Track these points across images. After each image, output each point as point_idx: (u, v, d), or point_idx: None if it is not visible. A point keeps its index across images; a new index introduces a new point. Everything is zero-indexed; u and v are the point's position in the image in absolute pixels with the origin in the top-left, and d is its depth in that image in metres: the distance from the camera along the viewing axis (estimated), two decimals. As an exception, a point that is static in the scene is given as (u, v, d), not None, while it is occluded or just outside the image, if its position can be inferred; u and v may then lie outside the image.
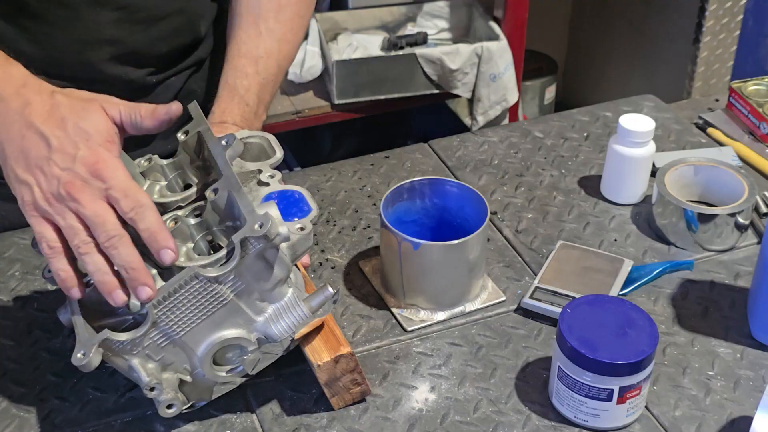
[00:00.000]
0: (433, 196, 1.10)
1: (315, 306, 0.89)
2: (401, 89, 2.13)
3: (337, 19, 2.25)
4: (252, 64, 1.12)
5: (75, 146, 0.84)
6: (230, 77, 1.11)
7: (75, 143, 0.84)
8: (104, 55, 1.11)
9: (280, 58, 1.15)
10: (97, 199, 0.83)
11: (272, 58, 1.13)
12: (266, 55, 1.13)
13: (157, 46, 1.15)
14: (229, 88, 1.10)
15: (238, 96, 1.09)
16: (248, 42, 1.13)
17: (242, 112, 1.09)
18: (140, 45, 1.13)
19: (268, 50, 1.13)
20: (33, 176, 0.84)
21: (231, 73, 1.11)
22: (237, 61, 1.12)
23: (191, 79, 1.22)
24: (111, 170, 0.83)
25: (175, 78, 1.20)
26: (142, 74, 1.15)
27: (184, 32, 1.18)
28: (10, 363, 1.00)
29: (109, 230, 0.82)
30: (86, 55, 1.10)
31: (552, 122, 1.41)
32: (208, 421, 0.93)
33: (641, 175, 1.21)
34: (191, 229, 0.88)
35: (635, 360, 0.88)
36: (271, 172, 0.94)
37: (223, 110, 1.08)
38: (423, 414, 0.94)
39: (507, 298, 1.08)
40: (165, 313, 0.83)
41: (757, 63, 2.41)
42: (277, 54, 1.14)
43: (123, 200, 0.83)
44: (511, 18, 2.18)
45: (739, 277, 1.11)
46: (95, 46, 1.10)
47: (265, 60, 1.12)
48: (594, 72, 2.94)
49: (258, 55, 1.12)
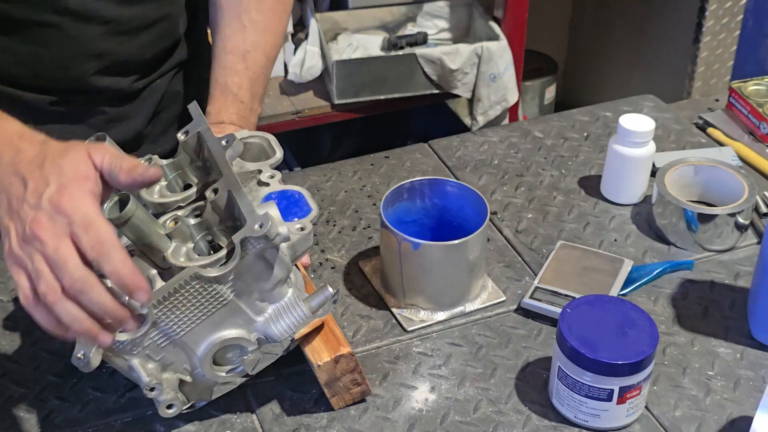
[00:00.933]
0: (433, 196, 1.10)
1: (315, 306, 0.89)
2: (401, 89, 2.13)
3: (337, 19, 2.25)
4: (240, 60, 1.11)
5: (46, 183, 0.78)
6: (220, 76, 1.11)
7: (47, 180, 0.78)
8: (91, 68, 1.10)
9: (267, 49, 1.14)
10: (60, 237, 0.76)
11: (259, 50, 1.13)
12: (253, 48, 1.12)
13: (142, 54, 1.15)
14: (221, 88, 1.10)
15: (231, 94, 1.09)
16: (233, 37, 1.12)
17: (237, 110, 1.08)
18: (127, 55, 1.12)
19: (254, 43, 1.12)
20: (12, 221, 0.80)
21: (221, 71, 1.11)
22: (225, 59, 1.11)
23: (174, 80, 1.22)
24: (74, 203, 0.77)
25: (160, 81, 1.20)
26: (128, 82, 1.15)
27: (168, 36, 1.18)
28: (10, 363, 1.00)
29: (71, 271, 0.76)
30: (74, 70, 1.09)
31: (552, 122, 1.41)
32: (208, 421, 0.93)
33: (641, 175, 1.21)
34: (191, 229, 0.88)
35: (635, 360, 0.88)
36: (271, 172, 0.94)
37: (218, 110, 1.08)
38: (423, 414, 0.94)
39: (507, 298, 1.08)
40: (165, 313, 0.83)
41: (757, 63, 2.41)
42: (264, 45, 1.13)
43: (84, 237, 0.76)
44: (511, 18, 2.18)
45: (739, 277, 1.11)
46: (83, 61, 1.09)
47: (252, 54, 1.12)
48: (594, 72, 2.94)
49: (245, 50, 1.11)
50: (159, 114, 1.20)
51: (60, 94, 1.11)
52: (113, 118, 1.15)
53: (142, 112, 1.18)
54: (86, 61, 1.09)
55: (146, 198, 0.90)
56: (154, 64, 1.18)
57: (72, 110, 1.12)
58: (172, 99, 1.21)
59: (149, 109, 1.18)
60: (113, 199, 0.84)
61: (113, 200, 0.84)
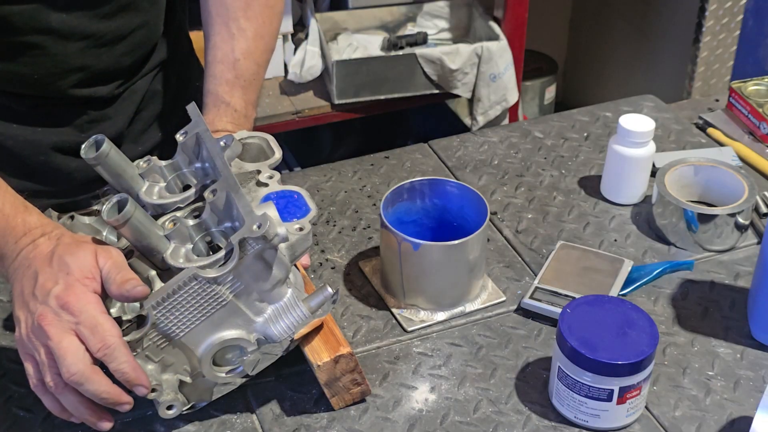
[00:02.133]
0: (433, 197, 1.10)
1: (314, 306, 0.89)
2: (401, 89, 2.13)
3: (337, 19, 2.25)
4: (230, 69, 1.11)
5: (54, 280, 0.84)
6: (212, 86, 1.10)
7: (55, 278, 0.84)
8: (72, 81, 1.11)
9: (257, 56, 1.13)
10: (64, 332, 0.82)
11: (249, 58, 1.12)
12: (243, 56, 1.11)
13: (122, 62, 1.15)
14: (213, 97, 1.10)
15: (224, 103, 1.09)
16: (223, 46, 1.11)
17: (232, 119, 1.08)
18: (106, 65, 1.13)
19: (243, 51, 1.12)
20: (22, 312, 0.85)
21: (212, 81, 1.11)
22: (215, 68, 1.11)
23: (154, 81, 1.22)
24: (80, 304, 0.82)
25: (140, 82, 1.20)
26: (109, 89, 1.15)
27: (147, 43, 1.18)
28: (10, 363, 1.00)
29: (69, 366, 0.82)
30: (54, 85, 1.10)
31: (552, 122, 1.41)
32: (209, 422, 0.93)
33: (641, 175, 1.21)
34: (190, 230, 0.88)
35: (635, 360, 0.88)
36: (269, 172, 0.94)
37: (212, 120, 1.08)
38: (423, 414, 0.94)
39: (507, 298, 1.08)
40: (164, 314, 0.83)
41: (757, 63, 2.40)
42: (254, 52, 1.13)
43: (91, 338, 0.82)
44: (511, 18, 2.18)
45: (739, 277, 1.11)
46: (63, 75, 1.10)
47: (242, 62, 1.11)
48: (594, 72, 2.94)
49: (235, 58, 1.11)
50: (139, 113, 1.21)
51: (41, 100, 1.12)
52: (95, 119, 1.16)
53: (123, 113, 1.18)
54: (66, 76, 1.10)
55: (145, 199, 0.90)
56: (134, 70, 1.18)
57: (54, 113, 1.13)
58: (152, 98, 1.22)
59: (130, 110, 1.19)
60: (112, 201, 0.84)
61: (112, 202, 0.84)
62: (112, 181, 0.90)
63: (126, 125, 1.19)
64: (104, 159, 0.88)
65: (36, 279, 0.85)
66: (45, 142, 1.13)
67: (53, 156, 1.14)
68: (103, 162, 0.88)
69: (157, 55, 1.21)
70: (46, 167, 1.14)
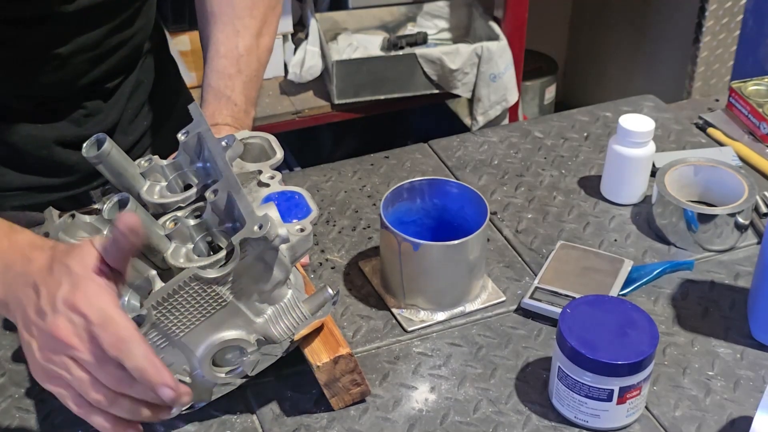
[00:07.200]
0: (433, 196, 1.10)
1: (314, 307, 0.89)
2: (401, 89, 2.13)
3: (337, 19, 2.25)
4: (233, 64, 1.12)
5: (58, 285, 0.77)
6: (213, 80, 1.11)
7: (59, 282, 0.77)
8: (79, 85, 1.13)
9: (260, 53, 1.16)
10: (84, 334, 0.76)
11: (252, 54, 1.14)
12: (246, 52, 1.13)
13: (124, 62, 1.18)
14: (214, 91, 1.11)
15: (225, 97, 1.10)
16: (227, 42, 1.13)
17: (231, 112, 1.09)
18: (112, 67, 1.16)
19: (247, 47, 1.14)
20: (32, 335, 0.78)
21: (213, 75, 1.12)
22: (217, 63, 1.12)
23: (140, 71, 1.24)
24: (88, 301, 0.76)
25: (131, 75, 1.22)
26: (110, 86, 1.18)
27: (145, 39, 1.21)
28: (10, 363, 1.00)
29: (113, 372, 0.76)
30: (62, 90, 1.12)
31: (552, 122, 1.41)
32: (208, 422, 0.93)
33: (641, 175, 1.21)
34: (191, 230, 0.88)
35: (635, 360, 0.88)
36: (271, 172, 0.94)
37: (212, 113, 1.09)
38: (423, 414, 0.94)
39: (507, 298, 1.08)
40: (164, 314, 0.83)
41: (757, 63, 2.41)
42: (257, 49, 1.15)
43: (102, 335, 0.76)
44: (511, 18, 2.18)
45: (739, 277, 1.11)
46: (72, 82, 1.12)
47: (245, 58, 1.13)
48: (594, 72, 2.94)
49: (239, 54, 1.13)
50: (128, 104, 1.23)
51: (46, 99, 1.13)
52: (91, 112, 1.17)
53: (116, 105, 1.20)
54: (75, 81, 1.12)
55: (146, 199, 0.91)
56: (131, 66, 1.21)
57: (53, 109, 1.14)
58: (138, 89, 1.24)
59: (122, 102, 1.21)
60: (113, 200, 0.84)
61: (113, 201, 0.84)
62: (113, 179, 0.90)
63: (119, 117, 1.21)
64: (106, 158, 0.88)
65: (38, 293, 0.78)
66: (47, 136, 1.14)
67: (55, 150, 1.15)
68: (104, 161, 0.88)
69: (145, 47, 1.23)
70: (49, 161, 1.16)
